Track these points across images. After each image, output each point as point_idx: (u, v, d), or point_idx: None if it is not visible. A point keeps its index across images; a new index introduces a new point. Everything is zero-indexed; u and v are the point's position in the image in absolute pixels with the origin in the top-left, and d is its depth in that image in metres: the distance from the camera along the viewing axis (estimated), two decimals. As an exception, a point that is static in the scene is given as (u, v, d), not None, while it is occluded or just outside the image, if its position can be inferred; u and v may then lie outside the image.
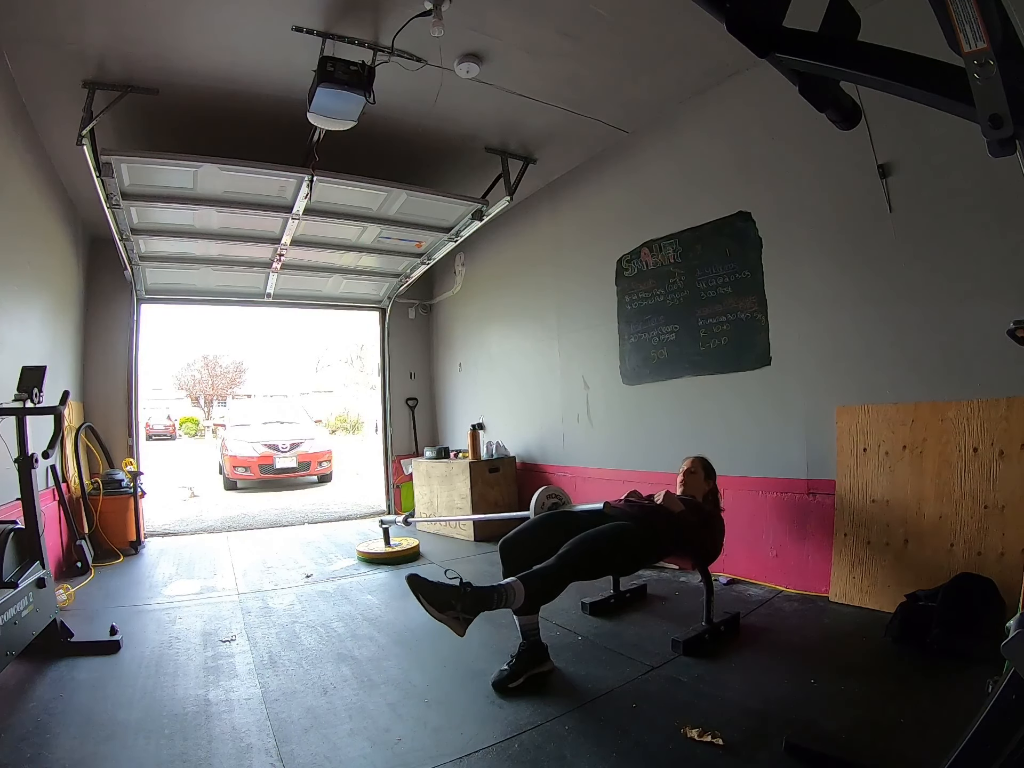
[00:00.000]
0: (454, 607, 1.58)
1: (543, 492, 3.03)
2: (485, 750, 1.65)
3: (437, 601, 1.58)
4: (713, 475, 2.78)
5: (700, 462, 2.79)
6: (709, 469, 2.79)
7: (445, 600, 1.58)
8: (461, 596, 1.60)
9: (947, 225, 2.44)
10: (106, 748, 1.69)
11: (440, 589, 1.59)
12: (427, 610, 1.58)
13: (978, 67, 0.89)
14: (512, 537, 2.27)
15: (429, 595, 1.58)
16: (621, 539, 2.15)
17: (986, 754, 0.96)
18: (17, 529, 2.27)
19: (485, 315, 5.62)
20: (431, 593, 1.58)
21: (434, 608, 1.58)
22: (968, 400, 2.36)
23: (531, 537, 2.27)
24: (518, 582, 1.74)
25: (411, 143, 3.85)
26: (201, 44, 2.78)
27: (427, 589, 1.58)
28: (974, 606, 2.08)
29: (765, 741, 1.61)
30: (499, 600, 1.68)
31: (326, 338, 31.45)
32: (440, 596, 1.59)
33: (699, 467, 2.76)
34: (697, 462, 2.79)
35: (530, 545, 2.23)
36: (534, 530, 2.31)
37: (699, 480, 2.72)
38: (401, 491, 6.04)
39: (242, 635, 2.65)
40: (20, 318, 3.25)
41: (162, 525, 5.64)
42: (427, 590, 1.58)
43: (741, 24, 1.16)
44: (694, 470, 2.75)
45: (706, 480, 2.74)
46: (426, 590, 1.58)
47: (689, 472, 2.75)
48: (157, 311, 6.35)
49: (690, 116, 3.52)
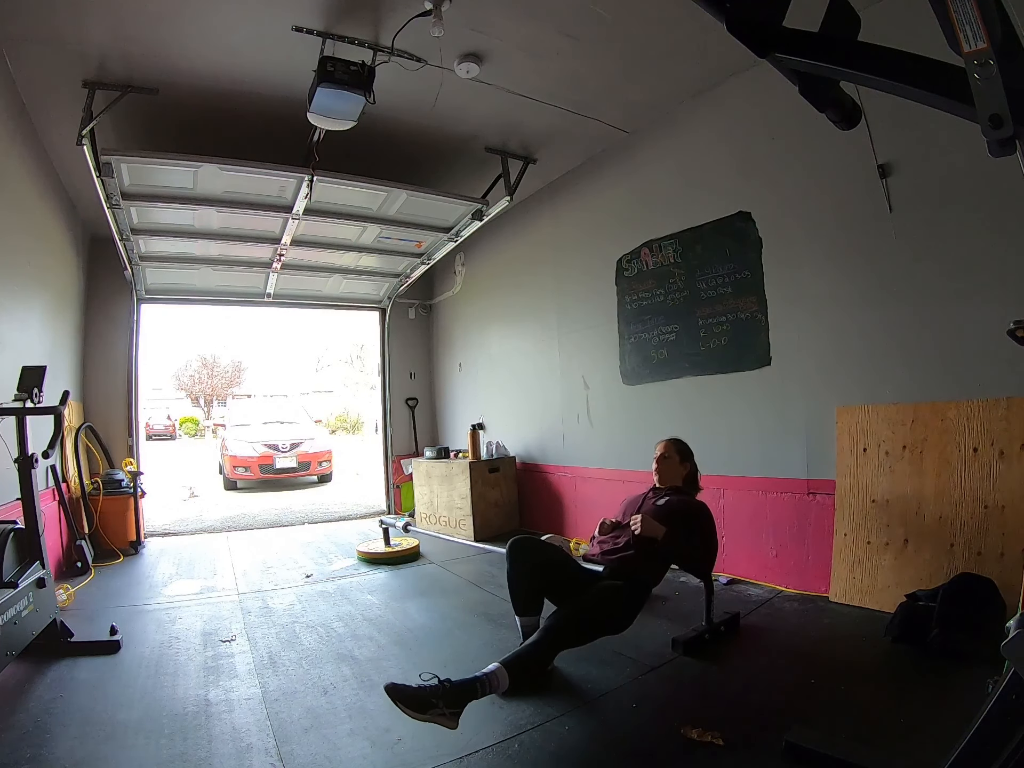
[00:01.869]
0: (436, 705, 1.56)
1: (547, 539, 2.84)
2: (485, 750, 1.65)
3: (417, 705, 1.55)
4: (690, 456, 2.61)
5: (674, 445, 2.60)
6: (685, 451, 2.60)
7: (425, 702, 1.56)
8: (441, 695, 1.59)
9: (947, 225, 2.44)
10: (106, 748, 1.69)
11: (418, 693, 1.57)
12: (409, 715, 1.55)
13: (978, 67, 0.89)
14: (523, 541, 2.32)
15: (408, 701, 1.55)
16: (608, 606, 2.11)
17: (986, 754, 0.96)
18: (17, 529, 2.27)
19: (485, 315, 5.62)
20: (410, 699, 1.56)
21: (416, 711, 1.55)
22: (968, 400, 2.36)
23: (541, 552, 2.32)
24: (501, 668, 1.74)
25: (411, 143, 3.85)
26: (201, 44, 2.78)
27: (405, 696, 1.56)
28: (974, 606, 2.08)
29: (765, 741, 1.61)
30: (482, 690, 1.68)
31: (326, 338, 31.42)
32: (419, 700, 1.56)
33: (672, 451, 2.58)
34: (670, 445, 2.60)
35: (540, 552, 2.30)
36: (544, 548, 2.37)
37: (674, 465, 2.56)
38: (401, 491, 6.04)
39: (242, 635, 2.65)
40: (20, 318, 3.25)
41: (162, 525, 5.64)
42: (405, 697, 1.55)
43: (741, 24, 1.16)
44: (668, 455, 2.57)
45: (682, 463, 2.57)
46: (405, 697, 1.55)
47: (663, 458, 2.57)
48: (157, 311, 6.33)
49: (690, 116, 3.52)
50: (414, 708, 1.57)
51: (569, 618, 2.00)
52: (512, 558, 2.28)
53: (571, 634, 1.99)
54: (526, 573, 2.26)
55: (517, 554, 2.28)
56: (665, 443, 2.63)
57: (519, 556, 2.28)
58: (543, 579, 2.27)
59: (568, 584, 2.26)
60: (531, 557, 2.28)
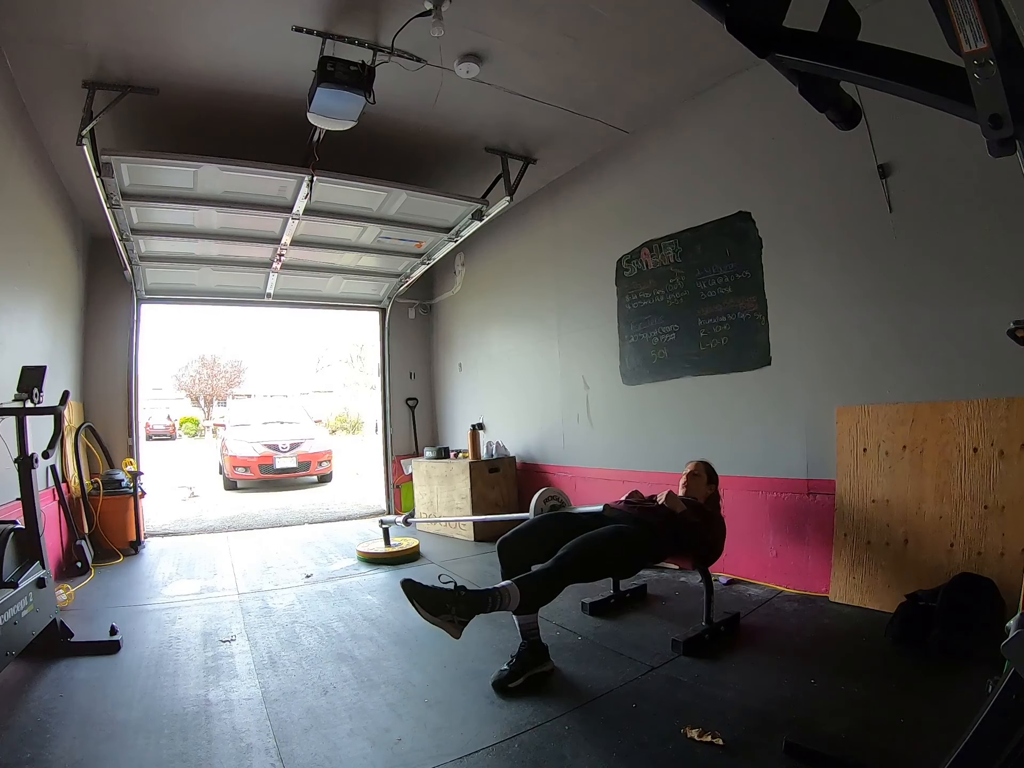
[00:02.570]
0: (448, 610, 1.59)
1: (542, 494, 3.03)
2: (485, 750, 1.65)
3: (431, 605, 1.59)
4: (716, 480, 2.77)
5: (704, 466, 2.78)
6: (712, 474, 2.77)
7: (439, 604, 1.59)
8: (455, 600, 1.61)
9: (947, 225, 2.44)
10: (106, 748, 1.69)
11: (434, 593, 1.60)
12: (421, 614, 1.59)
13: (978, 67, 0.89)
14: (510, 537, 2.28)
15: (423, 599, 1.59)
16: (619, 541, 2.15)
17: (986, 754, 0.96)
18: (17, 529, 2.27)
19: (485, 315, 5.62)
20: (425, 597, 1.59)
21: (428, 612, 1.59)
22: (968, 400, 2.36)
23: (530, 537, 2.28)
24: (513, 585, 1.74)
25: (411, 143, 3.85)
26: (201, 44, 2.78)
27: (421, 593, 1.59)
28: (974, 606, 2.08)
29: (765, 741, 1.61)
30: (493, 603, 1.68)
31: (326, 338, 31.45)
32: (434, 600, 1.59)
33: (703, 471, 2.75)
34: (701, 466, 2.77)
35: (529, 545, 2.24)
36: (533, 530, 2.32)
37: (702, 484, 2.71)
38: (401, 491, 6.04)
39: (242, 635, 2.65)
40: (20, 318, 3.25)
41: (162, 525, 5.64)
42: (421, 594, 1.59)
43: (741, 24, 1.16)
44: (698, 473, 2.74)
45: (708, 484, 2.73)
46: (420, 594, 1.59)
47: (693, 475, 2.73)
48: (157, 311, 6.35)
49: (690, 116, 3.52)
50: (428, 608, 1.59)
51: (579, 548, 1.99)
52: (502, 558, 2.25)
53: (580, 565, 1.99)
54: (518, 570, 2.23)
55: (506, 553, 2.25)
56: (697, 463, 2.79)
57: (508, 554, 2.25)
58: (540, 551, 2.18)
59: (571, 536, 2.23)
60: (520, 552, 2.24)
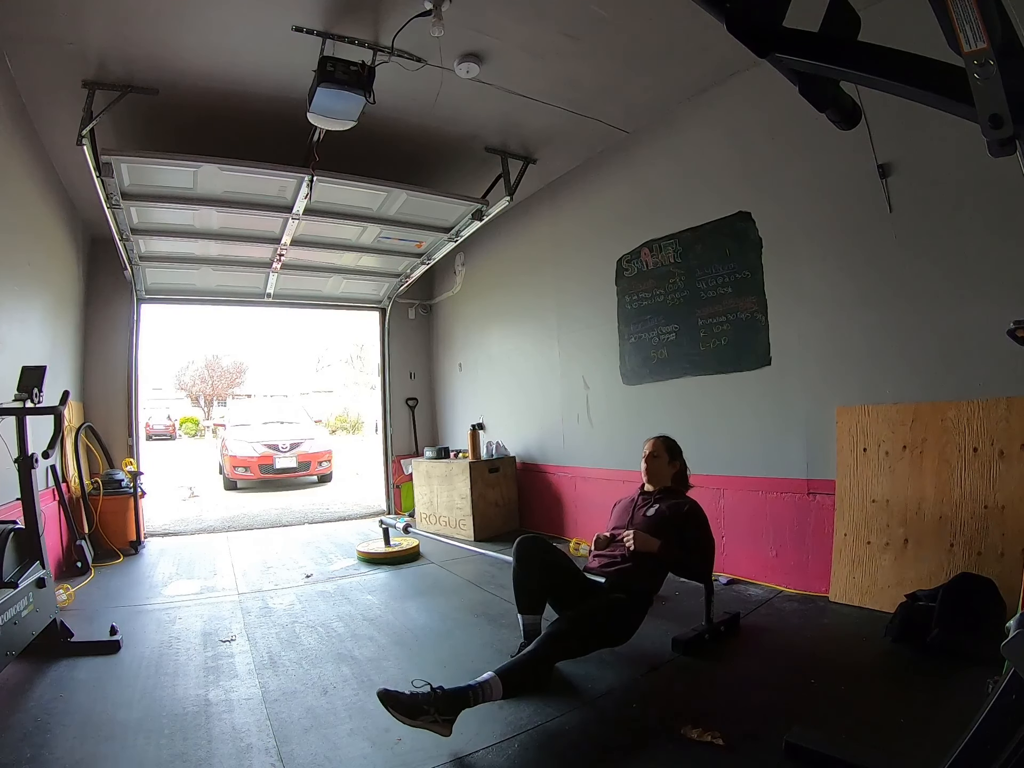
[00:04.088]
0: (428, 712, 1.57)
1: None
2: (485, 750, 1.65)
3: (409, 711, 1.57)
4: (679, 453, 2.58)
5: (663, 443, 2.57)
6: (673, 448, 2.57)
7: (417, 708, 1.57)
8: (433, 700, 1.60)
9: (947, 225, 2.44)
10: (106, 748, 1.69)
11: (410, 699, 1.59)
12: (400, 720, 1.57)
13: (978, 67, 0.89)
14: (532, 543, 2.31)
15: (399, 707, 1.57)
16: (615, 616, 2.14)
17: (986, 754, 0.96)
18: (17, 529, 2.27)
19: (485, 315, 5.62)
20: (401, 705, 1.57)
21: (408, 718, 1.56)
22: (968, 400, 2.36)
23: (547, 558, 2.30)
24: (495, 678, 1.73)
25: (411, 143, 3.85)
26: (201, 44, 2.78)
27: (396, 702, 1.57)
28: (974, 606, 2.08)
29: (765, 741, 1.61)
30: (475, 698, 1.67)
31: (326, 338, 31.42)
32: (411, 706, 1.57)
33: (661, 449, 2.54)
34: (659, 443, 2.56)
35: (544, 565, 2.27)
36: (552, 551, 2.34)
37: (663, 464, 2.53)
38: (401, 491, 6.04)
39: (242, 635, 2.65)
40: (20, 318, 3.25)
41: (162, 525, 5.64)
42: (397, 703, 1.57)
43: (741, 24, 1.16)
44: (656, 453, 2.54)
45: (671, 462, 2.54)
46: (396, 703, 1.57)
47: (652, 456, 2.54)
48: (157, 311, 6.33)
49: (690, 116, 3.52)
50: (405, 714, 1.58)
51: (570, 629, 2.00)
52: (520, 556, 2.27)
53: (570, 645, 2.00)
54: (534, 572, 2.25)
55: (525, 553, 2.27)
56: (654, 441, 2.59)
57: (527, 555, 2.27)
58: (549, 580, 2.26)
59: (572, 589, 2.27)
60: (539, 556, 2.28)
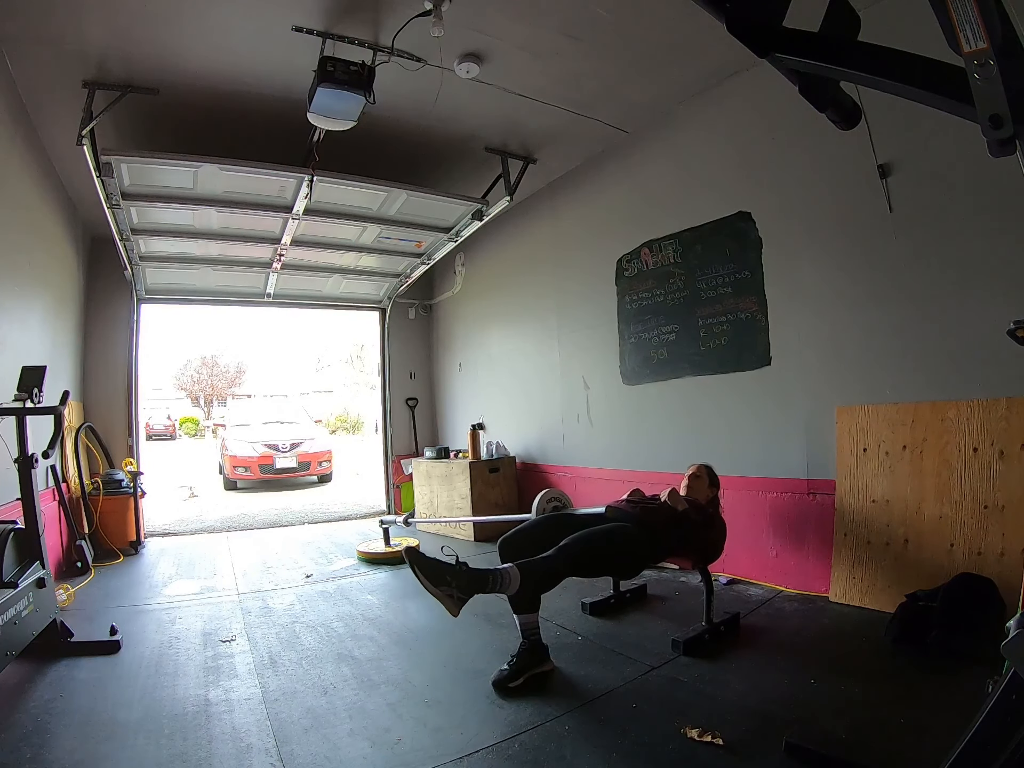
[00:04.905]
0: (449, 583, 1.59)
1: (545, 495, 3.03)
2: (485, 750, 1.65)
3: (433, 576, 1.59)
4: (717, 484, 2.78)
5: (706, 469, 2.78)
6: (713, 477, 2.78)
7: (441, 575, 1.59)
8: (456, 574, 1.62)
9: (947, 225, 2.44)
10: (106, 748, 1.69)
11: (437, 564, 1.61)
12: (422, 583, 1.59)
13: (978, 67, 0.89)
14: (511, 536, 2.28)
15: (425, 569, 1.59)
16: (621, 538, 2.16)
17: (986, 754, 0.96)
18: (17, 529, 2.27)
19: (485, 315, 5.62)
20: (428, 567, 1.60)
21: (430, 582, 1.59)
22: (968, 400, 2.36)
23: (531, 537, 2.28)
24: (515, 568, 1.75)
25: (411, 143, 3.85)
26: (201, 44, 2.78)
27: (424, 563, 1.59)
28: (974, 606, 2.08)
29: (765, 741, 1.60)
30: (494, 583, 1.68)
31: (326, 338, 31.44)
32: (436, 571, 1.60)
33: (704, 473, 2.76)
34: (703, 468, 2.78)
35: (529, 545, 2.22)
36: (534, 530, 2.33)
37: (703, 485, 2.72)
38: (401, 491, 6.04)
39: (242, 635, 2.65)
40: (20, 318, 3.24)
41: (162, 525, 5.64)
42: (424, 564, 1.59)
43: (741, 24, 1.15)
44: (699, 475, 2.74)
45: (709, 487, 2.73)
46: (423, 564, 1.59)
47: (695, 476, 2.74)
48: (157, 311, 6.36)
49: (690, 116, 3.52)
50: (430, 579, 1.59)
51: (582, 540, 2.00)
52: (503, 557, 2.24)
53: (581, 559, 2.00)
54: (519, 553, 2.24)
55: (507, 552, 2.25)
56: (699, 466, 2.79)
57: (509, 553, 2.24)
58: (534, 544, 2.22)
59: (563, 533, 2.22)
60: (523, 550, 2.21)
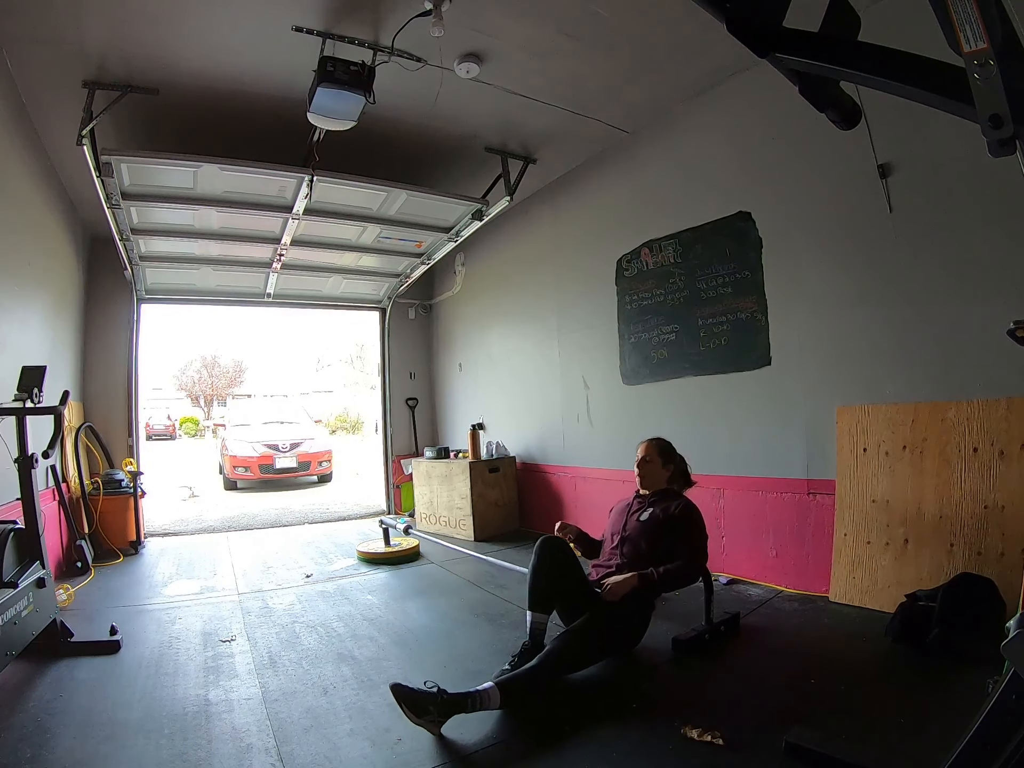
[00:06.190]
0: (430, 712, 1.69)
1: None
2: (485, 750, 1.65)
3: (416, 708, 1.69)
4: (673, 455, 2.51)
5: (655, 446, 2.50)
6: (666, 450, 2.50)
7: (423, 706, 1.69)
8: (437, 703, 1.70)
9: (947, 225, 2.44)
10: (106, 748, 1.69)
11: (420, 696, 1.71)
12: (406, 716, 1.70)
13: (978, 67, 0.89)
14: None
15: (409, 702, 1.70)
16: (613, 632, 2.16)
17: (986, 754, 0.96)
18: (17, 529, 2.27)
19: (485, 315, 5.62)
20: (411, 700, 1.70)
21: (413, 714, 1.69)
22: (968, 400, 2.36)
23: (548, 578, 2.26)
24: (495, 689, 1.80)
25: (411, 143, 3.85)
26: (201, 44, 2.78)
27: (408, 697, 1.71)
28: (974, 606, 2.08)
29: (765, 741, 1.60)
30: (473, 705, 1.75)
31: (326, 338, 31.44)
32: (419, 703, 1.70)
33: (654, 453, 2.48)
34: (651, 447, 2.50)
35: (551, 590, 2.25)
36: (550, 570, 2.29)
37: (656, 468, 2.46)
38: (401, 491, 6.04)
39: (242, 635, 2.65)
40: (20, 318, 3.24)
41: (162, 525, 5.64)
42: (407, 698, 1.71)
43: (741, 24, 1.16)
44: (649, 458, 2.47)
45: (664, 466, 2.47)
46: (407, 698, 1.70)
47: (644, 462, 2.48)
48: (157, 311, 6.34)
49: (690, 116, 3.52)
50: (412, 710, 1.69)
51: (569, 646, 2.00)
52: (541, 554, 2.24)
53: (571, 661, 2.02)
54: (553, 571, 2.23)
55: (541, 550, 2.25)
56: (646, 445, 2.53)
57: (542, 552, 2.24)
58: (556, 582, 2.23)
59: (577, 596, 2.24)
60: (551, 555, 2.24)
